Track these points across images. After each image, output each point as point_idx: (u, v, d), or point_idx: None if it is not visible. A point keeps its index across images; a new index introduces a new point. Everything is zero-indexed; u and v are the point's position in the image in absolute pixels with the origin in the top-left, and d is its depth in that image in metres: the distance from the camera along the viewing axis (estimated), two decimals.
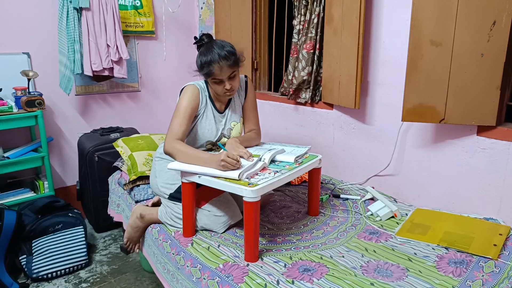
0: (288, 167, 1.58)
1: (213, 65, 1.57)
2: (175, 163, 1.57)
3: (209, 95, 1.75)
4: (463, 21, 1.59)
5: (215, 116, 1.76)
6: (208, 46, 1.62)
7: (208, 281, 1.36)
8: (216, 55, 1.57)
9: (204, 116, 1.72)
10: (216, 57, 1.57)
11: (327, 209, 1.89)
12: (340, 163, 2.40)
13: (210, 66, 1.58)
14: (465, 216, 1.72)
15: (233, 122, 1.81)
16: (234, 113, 1.82)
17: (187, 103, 1.64)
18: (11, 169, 2.42)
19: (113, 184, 2.40)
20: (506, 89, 1.65)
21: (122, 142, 2.37)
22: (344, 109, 2.30)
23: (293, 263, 1.42)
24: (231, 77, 1.63)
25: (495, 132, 1.67)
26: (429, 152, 1.93)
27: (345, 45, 2.06)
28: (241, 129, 1.84)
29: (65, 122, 2.91)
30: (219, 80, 1.61)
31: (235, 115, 1.82)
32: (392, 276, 1.32)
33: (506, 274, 1.30)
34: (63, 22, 2.59)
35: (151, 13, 3.15)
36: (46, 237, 2.21)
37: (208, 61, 1.58)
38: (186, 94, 1.67)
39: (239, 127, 1.82)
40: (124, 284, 2.17)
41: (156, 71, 3.32)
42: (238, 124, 1.82)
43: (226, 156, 1.44)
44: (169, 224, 1.74)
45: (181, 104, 1.64)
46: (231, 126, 1.80)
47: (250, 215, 1.37)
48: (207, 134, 1.74)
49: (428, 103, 1.74)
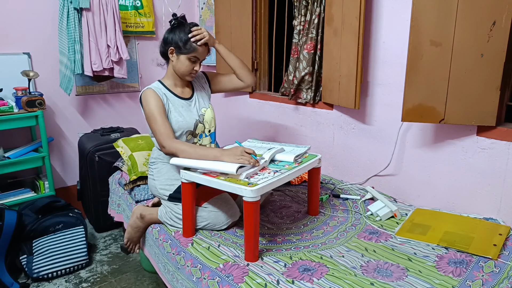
0: (287, 167, 1.58)
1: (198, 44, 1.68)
2: (177, 158, 1.58)
3: (166, 88, 1.78)
4: (463, 21, 1.59)
5: (183, 104, 1.77)
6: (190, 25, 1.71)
7: (208, 281, 1.37)
8: None
9: (172, 109, 1.73)
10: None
11: (327, 209, 1.89)
12: (340, 163, 2.40)
13: (196, 44, 1.68)
14: (465, 216, 1.73)
15: (203, 108, 1.83)
16: (201, 99, 1.85)
17: (154, 105, 1.66)
18: (11, 169, 2.43)
19: (113, 184, 2.40)
20: (506, 89, 1.65)
21: (122, 142, 2.37)
22: (344, 109, 2.30)
23: (293, 263, 1.42)
24: (202, 61, 1.76)
25: (495, 132, 1.67)
26: (429, 152, 1.94)
27: (345, 45, 2.07)
28: (213, 114, 1.86)
29: (66, 122, 2.91)
30: (196, 59, 1.71)
31: (203, 101, 1.86)
32: (392, 276, 1.32)
33: (506, 274, 1.30)
34: (63, 23, 2.59)
35: (151, 13, 3.16)
36: (47, 237, 2.22)
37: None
38: (148, 98, 1.67)
39: (210, 112, 1.85)
40: (125, 284, 2.17)
41: (156, 71, 3.32)
42: (208, 110, 1.85)
43: (243, 151, 1.51)
44: (169, 224, 1.74)
45: (151, 109, 1.66)
46: (202, 112, 1.82)
47: (250, 215, 1.37)
48: (182, 124, 1.72)
49: (428, 103, 1.75)
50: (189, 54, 1.68)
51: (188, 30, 1.69)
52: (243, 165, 1.47)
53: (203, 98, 1.87)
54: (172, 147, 1.59)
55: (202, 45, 1.69)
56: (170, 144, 1.59)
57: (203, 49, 1.71)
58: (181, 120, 1.72)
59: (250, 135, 2.16)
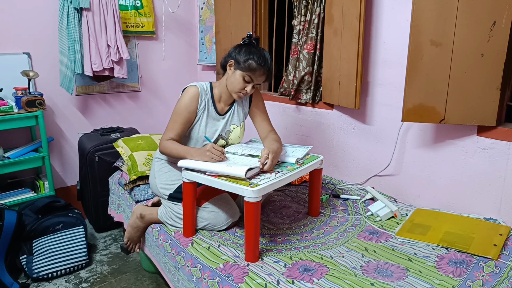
0: (289, 168, 1.58)
1: (260, 67, 1.64)
2: (185, 160, 1.58)
3: (212, 96, 1.75)
4: (463, 21, 1.59)
5: (215, 117, 1.76)
6: (258, 49, 1.68)
7: (208, 281, 1.37)
8: (268, 61, 1.66)
9: (204, 118, 1.73)
10: (268, 65, 1.66)
11: (327, 209, 1.89)
12: (340, 163, 2.40)
13: (258, 66, 1.63)
14: (465, 216, 1.73)
15: (232, 125, 1.81)
16: (235, 117, 1.83)
17: (184, 106, 1.68)
18: (11, 169, 2.42)
19: (113, 184, 2.40)
20: (506, 89, 1.65)
21: (122, 142, 2.37)
22: (344, 109, 2.30)
23: (293, 263, 1.42)
24: (254, 86, 1.70)
25: (495, 132, 1.67)
26: (429, 152, 1.94)
27: (345, 45, 2.07)
28: (241, 133, 1.85)
29: (66, 122, 2.91)
30: (250, 80, 1.66)
31: (236, 118, 1.83)
32: (392, 276, 1.32)
33: (506, 274, 1.30)
34: (63, 22, 2.59)
35: (151, 13, 3.15)
36: (47, 237, 2.21)
37: (260, 61, 1.64)
38: (185, 95, 1.69)
39: (239, 131, 1.83)
40: (125, 284, 2.17)
41: (156, 71, 3.32)
42: (237, 128, 1.83)
43: (211, 147, 1.54)
44: (169, 224, 1.74)
45: (179, 107, 1.69)
46: (231, 129, 1.81)
47: (251, 215, 1.37)
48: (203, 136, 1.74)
49: (428, 103, 1.74)
50: (245, 71, 1.65)
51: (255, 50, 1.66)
52: (252, 168, 1.46)
53: (238, 115, 1.84)
54: (163, 147, 1.68)
55: (262, 70, 1.65)
56: (163, 144, 1.68)
57: (260, 73, 1.66)
58: (204, 132, 1.73)
59: (251, 136, 2.16)
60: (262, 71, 1.66)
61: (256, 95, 1.87)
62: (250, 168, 1.44)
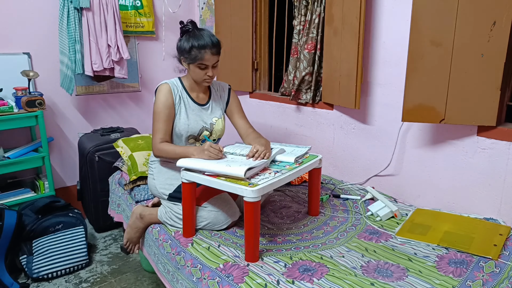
0: (288, 167, 1.58)
1: (204, 50, 1.63)
2: (183, 160, 1.58)
3: (184, 88, 1.77)
4: (463, 21, 1.59)
5: (194, 108, 1.77)
6: (196, 32, 1.66)
7: (209, 281, 1.37)
8: (209, 41, 1.64)
9: (183, 110, 1.74)
10: (209, 43, 1.63)
11: (327, 209, 1.89)
12: (340, 163, 2.40)
13: (202, 50, 1.62)
14: (465, 216, 1.72)
15: (214, 117, 1.82)
16: (216, 108, 1.84)
17: (161, 104, 1.69)
18: (11, 169, 2.42)
19: (113, 184, 2.40)
20: (506, 89, 1.65)
21: (122, 142, 2.37)
22: (344, 109, 2.30)
23: (293, 263, 1.42)
24: (214, 66, 1.70)
25: (495, 132, 1.67)
26: (429, 152, 1.93)
27: (345, 45, 2.06)
28: (223, 125, 1.86)
29: (66, 122, 2.91)
30: (205, 66, 1.66)
31: (217, 110, 1.85)
32: (392, 276, 1.32)
33: (506, 274, 1.30)
34: (63, 22, 2.59)
35: (151, 13, 3.15)
36: (47, 237, 2.21)
37: (200, 45, 1.62)
38: (159, 94, 1.71)
39: (221, 123, 1.85)
40: (125, 284, 2.17)
41: (156, 71, 3.32)
42: (219, 120, 1.84)
43: (209, 146, 1.56)
44: (169, 224, 1.74)
45: (157, 106, 1.70)
46: (213, 121, 1.82)
47: (251, 215, 1.37)
48: (187, 128, 1.73)
49: (428, 103, 1.74)
50: (195, 62, 1.66)
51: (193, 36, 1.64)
52: (251, 167, 1.46)
53: (217, 108, 1.85)
54: (158, 150, 1.68)
55: (208, 51, 1.63)
56: (157, 147, 1.68)
57: (209, 55, 1.64)
58: (187, 124, 1.73)
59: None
60: (209, 52, 1.63)
61: (233, 96, 1.91)
62: (249, 167, 1.44)
